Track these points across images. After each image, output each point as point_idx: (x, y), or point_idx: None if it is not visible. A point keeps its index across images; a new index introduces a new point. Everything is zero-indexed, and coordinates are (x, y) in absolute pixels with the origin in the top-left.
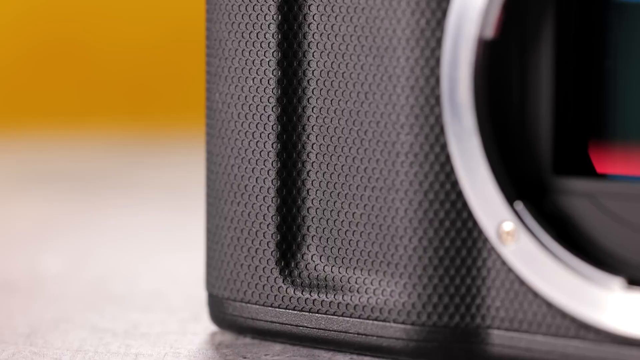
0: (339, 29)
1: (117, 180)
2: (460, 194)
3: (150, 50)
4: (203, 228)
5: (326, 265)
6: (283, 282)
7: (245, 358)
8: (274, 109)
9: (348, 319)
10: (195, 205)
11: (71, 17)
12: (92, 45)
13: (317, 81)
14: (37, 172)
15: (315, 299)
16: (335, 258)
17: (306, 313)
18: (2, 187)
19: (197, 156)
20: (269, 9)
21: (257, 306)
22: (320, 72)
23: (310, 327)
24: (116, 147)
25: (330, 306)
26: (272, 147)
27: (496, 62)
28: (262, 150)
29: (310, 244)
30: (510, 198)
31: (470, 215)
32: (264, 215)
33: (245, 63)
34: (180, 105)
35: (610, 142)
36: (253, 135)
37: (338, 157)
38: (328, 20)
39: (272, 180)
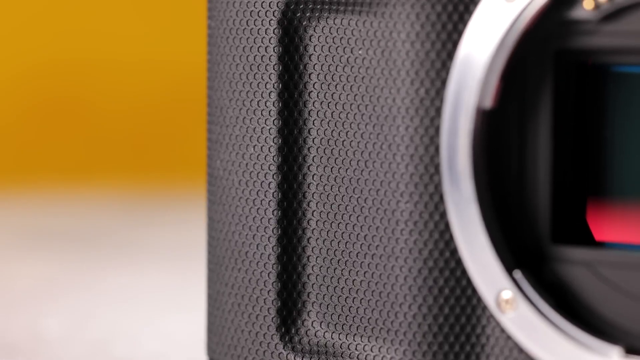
0: (339, 98)
1: (118, 239)
2: (459, 262)
3: (151, 109)
4: (204, 288)
5: (326, 331)
6: (283, 348)
7: None
8: (274, 177)
9: None
10: (197, 265)
11: (72, 75)
12: (94, 104)
13: (317, 149)
14: (38, 231)
15: None
16: (335, 324)
17: None
18: (3, 245)
19: (198, 214)
20: (269, 78)
21: None
22: (321, 140)
23: None
24: (117, 205)
25: None
26: (273, 214)
27: (495, 131)
28: (263, 217)
29: (311, 310)
30: (508, 266)
31: (469, 282)
32: (264, 282)
33: (247, 131)
34: (182, 164)
35: (609, 210)
36: (254, 202)
37: (338, 224)
38: (328, 89)
39: (272, 247)
